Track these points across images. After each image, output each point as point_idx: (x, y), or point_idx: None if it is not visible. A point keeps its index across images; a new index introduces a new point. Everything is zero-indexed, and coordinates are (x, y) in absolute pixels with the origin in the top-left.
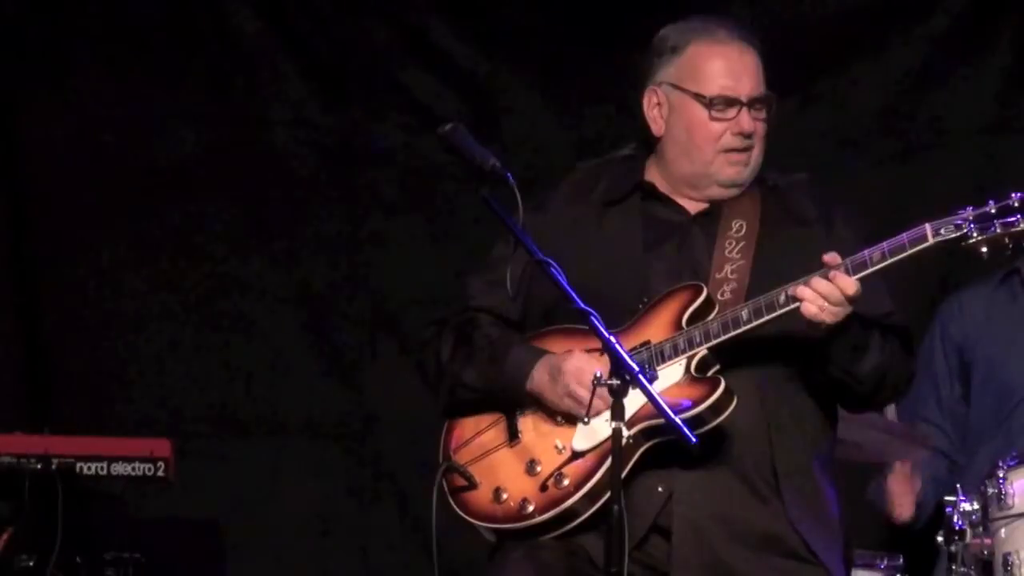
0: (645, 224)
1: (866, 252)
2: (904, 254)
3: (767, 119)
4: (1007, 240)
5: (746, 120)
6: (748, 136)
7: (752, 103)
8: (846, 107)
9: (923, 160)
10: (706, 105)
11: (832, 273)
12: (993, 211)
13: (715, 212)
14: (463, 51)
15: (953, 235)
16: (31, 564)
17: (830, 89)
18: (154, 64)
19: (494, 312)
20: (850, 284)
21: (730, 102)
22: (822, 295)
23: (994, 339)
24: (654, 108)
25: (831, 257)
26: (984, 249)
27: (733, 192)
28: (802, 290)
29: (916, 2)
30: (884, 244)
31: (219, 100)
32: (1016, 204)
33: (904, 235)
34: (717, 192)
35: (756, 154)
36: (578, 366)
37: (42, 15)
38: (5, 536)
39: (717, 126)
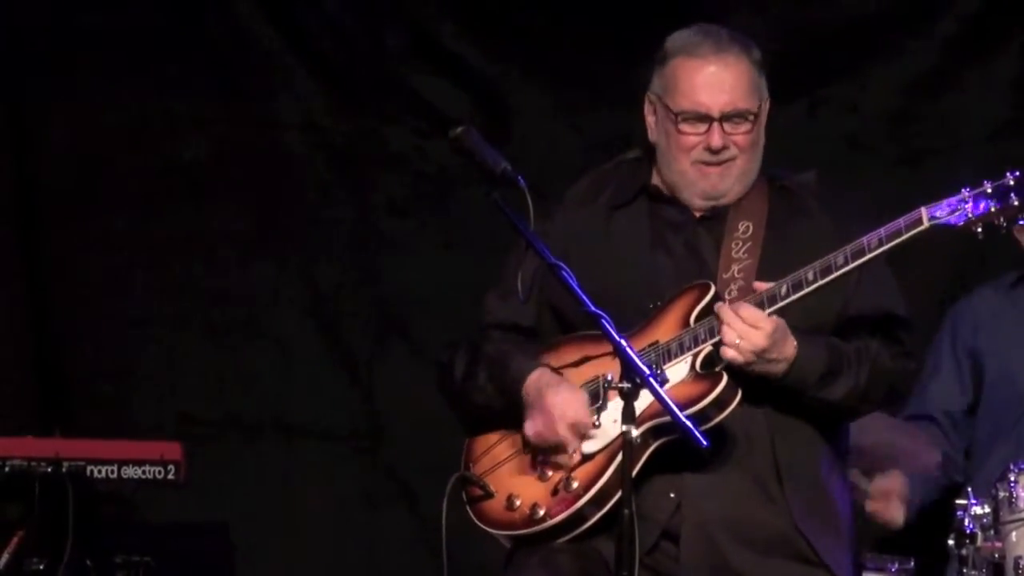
0: (652, 226)
1: (864, 239)
2: (901, 238)
3: (750, 131)
4: (1001, 219)
5: (716, 136)
6: (717, 152)
7: (725, 118)
8: (856, 111)
9: (933, 164)
10: (675, 117)
11: (735, 303)
12: (989, 190)
13: (721, 213)
14: (474, 54)
15: (948, 216)
16: (42, 567)
17: (840, 93)
18: (165, 67)
19: (508, 324)
20: (747, 309)
21: (700, 117)
22: (726, 323)
23: (1006, 344)
24: (650, 115)
25: (758, 284)
26: (979, 229)
27: (712, 203)
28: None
29: (926, 6)
30: (881, 230)
31: (229, 103)
32: (1012, 183)
33: (900, 220)
34: (699, 203)
35: (740, 164)
36: (563, 408)
37: (51, 18)
38: (16, 539)
39: (689, 139)
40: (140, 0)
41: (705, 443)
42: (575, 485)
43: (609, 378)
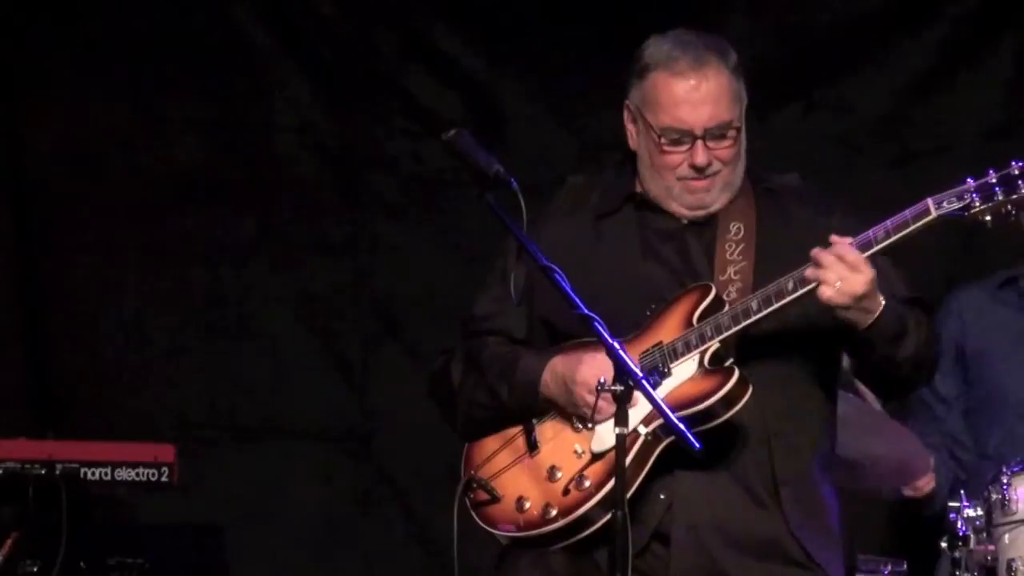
0: (641, 235)
1: (870, 232)
2: (908, 229)
3: (732, 144)
4: (1010, 207)
5: (699, 154)
6: (701, 169)
7: (708, 134)
8: (849, 112)
9: (926, 165)
10: (657, 137)
11: (833, 241)
12: (994, 180)
13: (711, 217)
14: (467, 56)
15: (956, 206)
16: (35, 569)
17: (833, 95)
18: (159, 70)
19: (502, 333)
20: (849, 250)
21: (682, 134)
22: (826, 266)
23: (992, 346)
24: (630, 123)
25: (837, 237)
26: (988, 218)
27: (700, 213)
28: (812, 272)
29: (919, 8)
30: (888, 221)
31: (223, 105)
32: (1016, 172)
33: (907, 211)
34: (686, 213)
35: (725, 176)
36: (593, 374)
37: (46, 20)
38: (10, 541)
39: (672, 158)
40: (134, 2)
41: (697, 446)
42: (587, 484)
43: (602, 381)
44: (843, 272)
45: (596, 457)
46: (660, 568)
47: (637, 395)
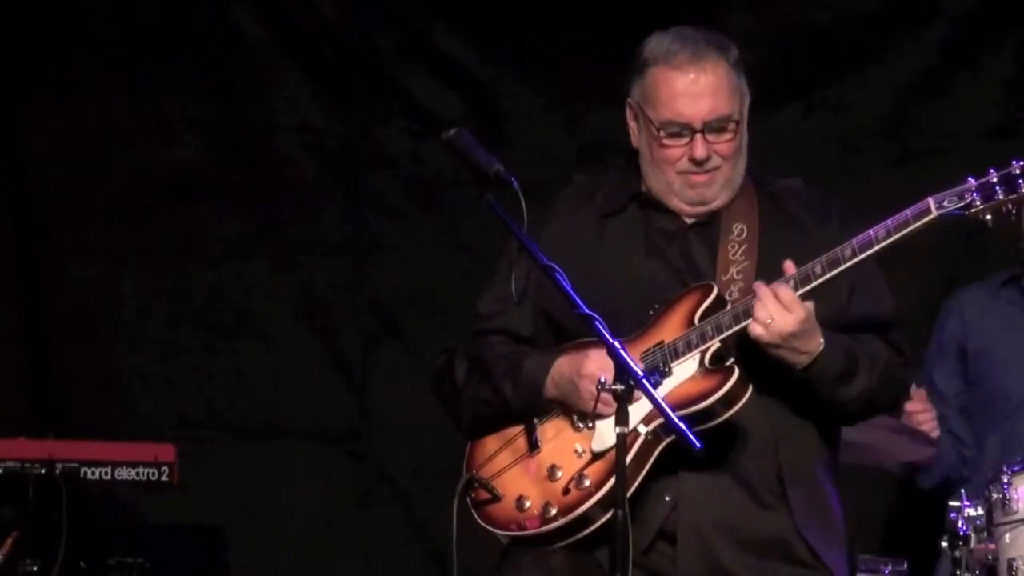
0: (646, 234)
1: (871, 231)
2: (909, 229)
3: (732, 139)
4: (1010, 206)
5: (699, 147)
6: (701, 163)
7: (707, 128)
8: (849, 113)
9: (926, 166)
10: (656, 131)
11: (785, 269)
12: (995, 179)
13: (714, 218)
14: (468, 56)
15: (957, 205)
16: (35, 569)
17: (833, 95)
18: (158, 69)
19: (505, 332)
20: (783, 289)
21: (682, 128)
22: (761, 301)
23: (994, 345)
24: (632, 120)
25: (787, 265)
26: (988, 217)
27: (700, 209)
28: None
29: (918, 8)
30: (889, 221)
31: (223, 105)
32: (1018, 171)
33: (908, 210)
34: (688, 209)
35: (725, 172)
36: (598, 367)
37: (46, 20)
38: (10, 541)
39: (672, 151)
40: (134, 2)
41: (698, 445)
42: (587, 483)
43: (602, 380)
44: (775, 310)
45: (596, 456)
46: (667, 565)
47: (637, 394)
